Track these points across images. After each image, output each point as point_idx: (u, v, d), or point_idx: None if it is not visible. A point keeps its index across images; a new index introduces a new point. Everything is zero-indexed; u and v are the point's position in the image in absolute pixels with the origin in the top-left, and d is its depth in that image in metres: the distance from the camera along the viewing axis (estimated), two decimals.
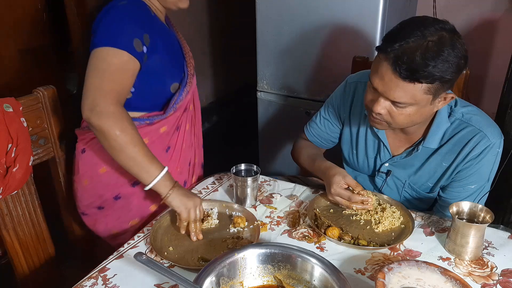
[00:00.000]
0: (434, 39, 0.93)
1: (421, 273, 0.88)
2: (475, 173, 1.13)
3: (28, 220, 1.17)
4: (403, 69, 0.94)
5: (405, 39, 0.94)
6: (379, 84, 1.00)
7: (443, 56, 0.93)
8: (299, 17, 2.08)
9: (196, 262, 0.99)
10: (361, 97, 1.27)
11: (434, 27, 0.95)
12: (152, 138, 1.20)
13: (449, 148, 1.15)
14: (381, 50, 0.98)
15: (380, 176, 1.28)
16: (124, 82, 1.07)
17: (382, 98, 1.02)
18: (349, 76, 1.34)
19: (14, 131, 1.04)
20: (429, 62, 0.92)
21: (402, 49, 0.94)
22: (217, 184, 1.31)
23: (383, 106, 1.03)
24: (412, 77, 0.94)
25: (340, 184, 1.14)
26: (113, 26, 1.06)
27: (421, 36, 0.93)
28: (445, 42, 0.94)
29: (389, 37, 0.98)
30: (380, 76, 0.99)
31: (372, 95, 1.05)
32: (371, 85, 1.03)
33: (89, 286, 0.92)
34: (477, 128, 1.11)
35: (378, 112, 1.04)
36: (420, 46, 0.93)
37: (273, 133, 2.41)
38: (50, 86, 1.17)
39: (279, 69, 2.24)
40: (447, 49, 0.93)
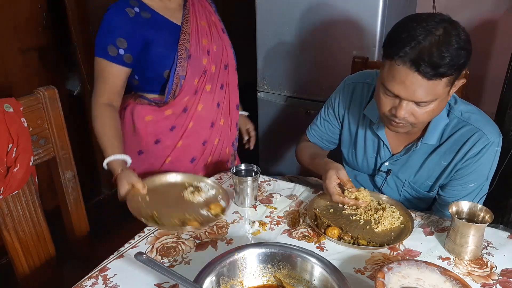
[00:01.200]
0: (440, 32, 0.94)
1: (421, 273, 0.88)
2: (474, 172, 1.14)
3: (28, 220, 1.17)
4: (427, 68, 0.93)
5: (415, 39, 0.94)
6: (401, 90, 0.99)
7: (455, 45, 0.94)
8: (299, 17, 2.08)
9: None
10: (359, 97, 1.27)
11: (434, 20, 0.95)
12: (156, 118, 1.43)
13: (448, 147, 1.15)
14: (394, 56, 0.97)
15: (380, 175, 1.28)
16: (109, 82, 1.34)
17: (404, 103, 1.01)
18: (347, 77, 1.34)
19: (15, 131, 1.04)
20: (447, 54, 0.93)
21: (417, 50, 0.94)
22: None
23: (406, 110, 1.02)
24: (436, 74, 0.94)
25: (333, 178, 1.14)
26: (96, 39, 1.32)
27: (427, 32, 0.94)
28: (450, 31, 0.95)
29: (394, 42, 0.97)
30: (400, 81, 0.98)
31: (391, 103, 1.04)
32: (391, 93, 1.02)
33: (89, 286, 0.92)
34: (476, 127, 1.11)
35: (403, 117, 1.03)
36: (432, 42, 0.93)
37: (273, 133, 2.41)
38: (50, 86, 1.17)
39: (279, 69, 2.25)
40: (454, 38, 0.94)
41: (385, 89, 1.03)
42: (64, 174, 1.25)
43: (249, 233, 1.10)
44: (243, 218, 1.16)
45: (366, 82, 1.27)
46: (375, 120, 1.22)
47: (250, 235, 1.10)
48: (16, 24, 2.07)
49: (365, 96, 1.27)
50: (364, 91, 1.27)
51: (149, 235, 1.08)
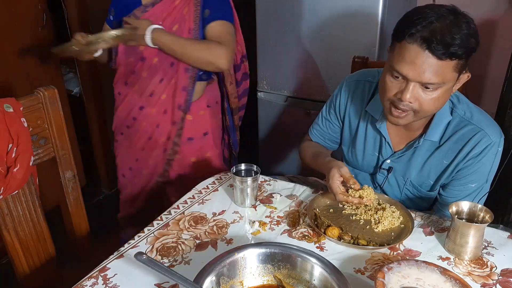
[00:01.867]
0: (451, 18, 0.96)
1: (421, 273, 0.88)
2: (475, 172, 1.14)
3: (28, 220, 1.17)
4: (439, 45, 0.94)
5: (426, 20, 0.95)
6: (410, 69, 0.99)
7: (465, 30, 0.96)
8: (299, 17, 2.08)
9: None
10: (360, 95, 1.27)
11: (446, 8, 0.98)
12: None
13: (450, 146, 1.15)
14: (404, 35, 0.98)
15: (382, 173, 1.28)
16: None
17: (411, 85, 1.01)
18: (348, 75, 1.35)
19: (15, 131, 1.04)
20: (457, 36, 0.94)
21: (429, 29, 0.95)
22: (217, 184, 1.31)
23: (412, 93, 1.01)
24: (448, 52, 0.95)
25: (336, 177, 1.14)
26: None
27: (438, 15, 0.95)
28: (461, 18, 0.97)
29: (406, 24, 0.99)
30: (410, 61, 0.98)
31: (398, 86, 1.04)
32: (399, 74, 1.01)
33: (89, 286, 0.92)
34: (478, 126, 1.11)
35: (408, 101, 1.02)
36: (443, 25, 0.95)
37: (273, 133, 2.41)
38: (50, 86, 1.17)
39: (279, 69, 2.24)
40: (464, 24, 0.96)
41: (393, 71, 1.02)
42: (64, 174, 1.25)
43: (249, 233, 1.11)
44: (243, 218, 1.16)
45: (367, 80, 1.27)
46: (378, 117, 1.22)
47: (250, 235, 1.10)
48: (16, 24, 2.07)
49: (366, 94, 1.27)
50: (366, 89, 1.27)
51: (149, 235, 1.08)
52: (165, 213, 1.17)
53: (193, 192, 1.27)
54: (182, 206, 1.20)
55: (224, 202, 1.23)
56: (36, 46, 2.19)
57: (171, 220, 1.14)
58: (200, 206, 1.21)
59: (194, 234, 1.09)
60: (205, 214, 1.17)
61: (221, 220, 1.15)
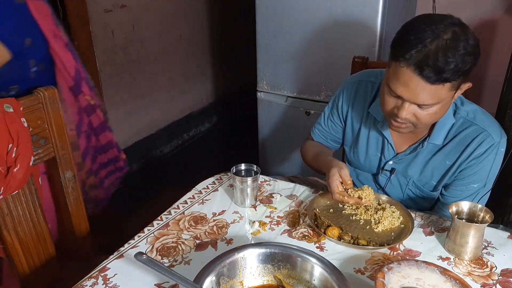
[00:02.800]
0: (448, 36, 0.94)
1: (421, 273, 0.88)
2: (478, 172, 1.14)
3: (28, 220, 1.17)
4: (430, 72, 0.93)
5: (422, 42, 0.93)
6: (404, 91, 0.99)
7: (462, 50, 0.94)
8: (299, 17, 2.08)
9: None
10: (363, 96, 1.27)
11: (443, 23, 0.95)
12: None
13: (452, 147, 1.15)
14: (399, 58, 0.97)
15: (384, 174, 1.28)
16: None
17: (407, 104, 1.02)
18: (351, 76, 1.35)
19: (15, 131, 1.04)
20: (452, 60, 0.93)
21: (422, 54, 0.93)
22: (217, 184, 1.31)
23: (408, 111, 1.02)
24: (440, 79, 0.94)
25: (335, 176, 1.13)
26: None
27: (435, 35, 0.93)
28: (459, 36, 0.94)
29: (402, 43, 0.97)
30: (404, 83, 0.98)
31: (394, 102, 1.05)
32: (394, 93, 1.02)
33: (89, 286, 0.92)
34: (481, 127, 1.11)
35: (404, 118, 1.04)
36: (438, 47, 0.93)
37: (273, 133, 2.41)
38: (50, 86, 1.17)
39: (279, 69, 2.25)
40: (462, 43, 0.94)
41: (389, 89, 1.03)
42: (64, 174, 1.25)
43: (249, 233, 1.11)
44: (243, 218, 1.16)
45: (370, 81, 1.27)
46: (380, 118, 1.22)
47: (250, 235, 1.10)
48: None
49: (369, 94, 1.26)
50: (368, 90, 1.27)
51: (149, 235, 1.08)
52: (165, 213, 1.17)
53: (193, 192, 1.27)
54: (182, 206, 1.20)
55: (224, 202, 1.23)
56: None
57: (171, 220, 1.14)
58: (200, 206, 1.21)
59: (194, 234, 1.09)
60: (205, 214, 1.17)
61: (221, 220, 1.15)
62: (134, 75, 2.78)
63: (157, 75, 2.97)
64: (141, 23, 2.72)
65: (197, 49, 3.33)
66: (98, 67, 2.50)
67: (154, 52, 2.88)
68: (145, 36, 2.78)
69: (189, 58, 3.26)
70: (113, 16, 2.52)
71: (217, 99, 3.70)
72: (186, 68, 3.24)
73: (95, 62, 2.47)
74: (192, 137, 3.51)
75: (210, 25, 3.37)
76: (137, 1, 2.65)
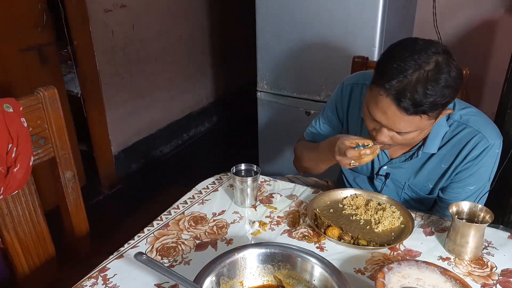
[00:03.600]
0: (430, 68, 0.93)
1: (421, 273, 0.88)
2: (474, 174, 1.13)
3: (28, 220, 1.17)
4: (408, 104, 0.93)
5: (403, 72, 0.93)
6: (382, 117, 1.00)
7: (442, 83, 0.93)
8: (299, 17, 2.08)
9: None
10: (358, 100, 1.27)
11: (427, 53, 0.94)
12: None
13: (448, 150, 1.14)
14: (379, 85, 0.97)
15: (379, 179, 1.28)
16: None
17: (385, 129, 1.02)
18: (346, 78, 1.33)
19: (15, 131, 1.04)
20: (432, 93, 0.92)
21: (402, 85, 0.93)
22: (217, 184, 1.31)
23: (386, 135, 1.03)
24: (418, 111, 0.94)
25: (345, 137, 1.11)
26: None
27: (417, 66, 0.92)
28: (441, 68, 0.93)
29: (384, 70, 0.97)
30: (382, 110, 0.98)
31: (373, 124, 1.05)
32: (372, 117, 1.02)
33: (89, 286, 0.92)
34: (476, 129, 1.11)
35: (382, 142, 1.05)
36: (419, 79, 0.92)
37: (273, 133, 2.41)
38: (50, 86, 1.17)
39: (279, 69, 2.25)
40: (444, 75, 0.93)
41: (368, 111, 1.03)
42: (64, 174, 1.25)
43: (249, 233, 1.10)
44: (243, 218, 1.16)
45: (365, 84, 1.26)
46: None
47: (250, 235, 1.10)
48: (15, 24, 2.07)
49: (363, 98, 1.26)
50: (363, 93, 1.26)
51: (149, 235, 1.08)
52: (165, 213, 1.17)
53: (193, 192, 1.27)
54: (182, 206, 1.20)
55: (224, 202, 1.23)
56: (36, 46, 2.19)
57: (171, 220, 1.14)
58: (200, 206, 1.21)
59: (194, 234, 1.09)
60: (205, 214, 1.17)
61: (221, 220, 1.15)
62: (134, 75, 2.78)
63: (157, 75, 2.98)
64: (141, 23, 2.72)
65: (197, 49, 3.33)
66: (98, 67, 2.50)
67: (154, 52, 2.89)
68: (145, 36, 2.78)
69: (189, 58, 3.26)
70: (113, 16, 2.52)
71: (217, 99, 3.70)
72: (186, 68, 3.25)
73: (95, 62, 2.48)
74: (192, 137, 3.51)
75: (210, 25, 3.37)
76: (137, 1, 2.66)
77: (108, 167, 2.76)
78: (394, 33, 2.12)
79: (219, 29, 3.47)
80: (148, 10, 2.76)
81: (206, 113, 3.61)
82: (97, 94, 2.55)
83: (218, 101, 3.72)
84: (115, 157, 2.78)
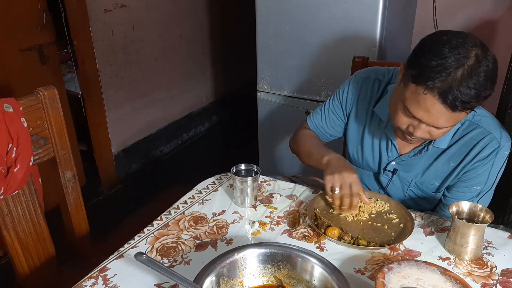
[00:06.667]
0: (471, 63, 0.92)
1: (421, 273, 0.88)
2: (481, 175, 1.14)
3: (28, 220, 1.17)
4: (456, 102, 0.93)
5: (446, 70, 0.92)
6: (424, 115, 0.99)
7: (484, 77, 0.93)
8: (299, 17, 2.08)
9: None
10: (369, 93, 1.26)
11: (465, 47, 0.93)
12: None
13: (457, 149, 1.15)
14: (420, 84, 0.95)
15: (386, 175, 1.28)
16: None
17: (424, 125, 1.02)
18: (358, 71, 1.32)
19: (15, 131, 1.04)
20: (476, 88, 0.92)
21: (447, 83, 0.92)
22: (217, 184, 1.31)
23: (424, 130, 1.03)
24: (464, 108, 0.94)
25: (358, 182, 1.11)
26: None
27: (459, 62, 0.92)
28: (481, 61, 0.93)
29: (424, 68, 0.95)
30: (425, 109, 0.97)
31: (409, 121, 1.04)
32: (411, 114, 1.01)
33: (89, 286, 0.92)
34: (487, 130, 1.11)
35: (419, 137, 1.05)
36: (463, 75, 0.92)
37: (273, 133, 2.41)
38: (50, 86, 1.17)
39: (279, 69, 2.24)
40: (484, 68, 0.93)
41: (406, 109, 1.02)
42: (64, 174, 1.25)
43: (249, 233, 1.10)
44: (243, 218, 1.16)
45: (377, 79, 1.25)
46: (385, 119, 1.21)
47: (250, 235, 1.10)
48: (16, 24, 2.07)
49: (375, 93, 1.25)
50: (375, 88, 1.25)
51: (149, 235, 1.08)
52: (165, 213, 1.17)
53: (193, 192, 1.27)
54: (182, 206, 1.20)
55: (224, 202, 1.23)
56: (36, 46, 2.19)
57: (171, 220, 1.14)
58: (200, 206, 1.21)
59: (194, 234, 1.09)
60: (205, 214, 1.17)
61: (221, 220, 1.15)
62: (134, 75, 2.78)
63: (157, 75, 2.98)
64: (141, 23, 2.73)
65: (197, 49, 3.33)
66: (98, 67, 2.50)
67: (154, 52, 2.89)
68: (145, 36, 2.78)
69: (189, 58, 3.26)
70: (113, 16, 2.52)
71: (217, 99, 3.70)
72: (186, 68, 3.25)
73: (95, 62, 2.48)
74: (192, 137, 3.51)
75: (210, 25, 3.38)
76: (137, 1, 2.66)
77: (108, 167, 2.76)
78: (394, 33, 2.12)
79: (219, 29, 3.47)
80: (148, 10, 2.76)
81: (206, 113, 3.61)
82: (97, 94, 2.55)
83: (218, 101, 3.72)
84: (115, 157, 2.78)
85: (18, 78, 2.12)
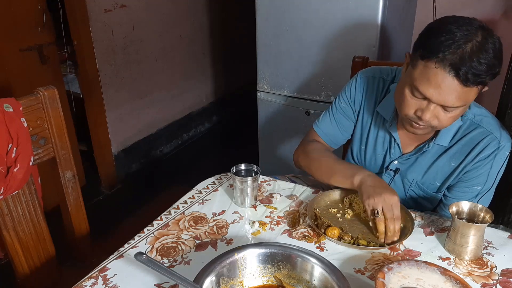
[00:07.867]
0: (479, 39, 0.93)
1: (421, 273, 0.88)
2: (482, 175, 1.14)
3: (28, 220, 1.17)
4: (467, 74, 0.92)
5: (455, 43, 0.92)
6: (434, 93, 0.97)
7: (491, 53, 0.93)
8: (299, 17, 2.08)
9: None
10: (375, 92, 1.25)
11: (472, 25, 0.94)
12: None
13: (458, 148, 1.15)
14: (432, 57, 0.94)
15: (388, 174, 1.28)
16: None
17: (432, 106, 1.00)
18: (362, 70, 1.31)
19: (15, 131, 1.04)
20: (484, 62, 0.92)
21: (458, 55, 0.92)
22: (217, 184, 1.31)
23: (433, 113, 1.01)
24: (475, 81, 0.93)
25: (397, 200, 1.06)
26: None
27: (468, 37, 0.92)
28: (488, 39, 0.94)
29: (433, 44, 0.94)
30: (435, 85, 0.96)
31: (417, 105, 1.02)
32: (421, 94, 0.99)
33: (89, 286, 0.92)
34: (488, 130, 1.11)
35: (427, 120, 1.02)
36: (473, 49, 0.92)
37: (273, 133, 2.41)
38: (50, 86, 1.17)
39: (279, 69, 2.24)
40: (491, 45, 0.93)
41: (414, 90, 1.00)
42: (64, 174, 1.25)
43: (249, 233, 1.10)
44: (243, 218, 1.16)
45: (381, 78, 1.25)
46: (388, 118, 1.21)
47: (250, 235, 1.10)
48: (15, 24, 2.07)
49: (380, 92, 1.25)
50: (380, 87, 1.25)
51: (149, 235, 1.08)
52: (165, 213, 1.17)
53: (193, 192, 1.27)
54: (182, 206, 1.20)
55: (224, 202, 1.23)
56: (36, 46, 2.19)
57: (171, 220, 1.14)
58: (200, 206, 1.21)
59: (194, 234, 1.09)
60: (205, 214, 1.17)
61: (221, 220, 1.15)
62: (134, 75, 2.78)
63: (157, 75, 2.98)
64: (141, 23, 2.73)
65: (197, 49, 3.33)
66: (98, 67, 2.50)
67: (154, 52, 2.89)
68: (145, 36, 2.78)
69: (189, 58, 3.26)
70: (113, 16, 2.52)
71: (217, 99, 3.70)
72: (186, 68, 3.25)
73: (95, 62, 2.48)
74: (192, 137, 3.51)
75: (210, 25, 3.37)
76: (137, 1, 2.66)
77: (108, 167, 2.76)
78: (394, 33, 2.12)
79: (219, 29, 3.46)
80: (148, 10, 2.76)
81: (206, 113, 3.61)
82: (97, 94, 2.55)
83: (218, 101, 3.72)
84: (115, 157, 2.78)
85: (18, 78, 2.12)
